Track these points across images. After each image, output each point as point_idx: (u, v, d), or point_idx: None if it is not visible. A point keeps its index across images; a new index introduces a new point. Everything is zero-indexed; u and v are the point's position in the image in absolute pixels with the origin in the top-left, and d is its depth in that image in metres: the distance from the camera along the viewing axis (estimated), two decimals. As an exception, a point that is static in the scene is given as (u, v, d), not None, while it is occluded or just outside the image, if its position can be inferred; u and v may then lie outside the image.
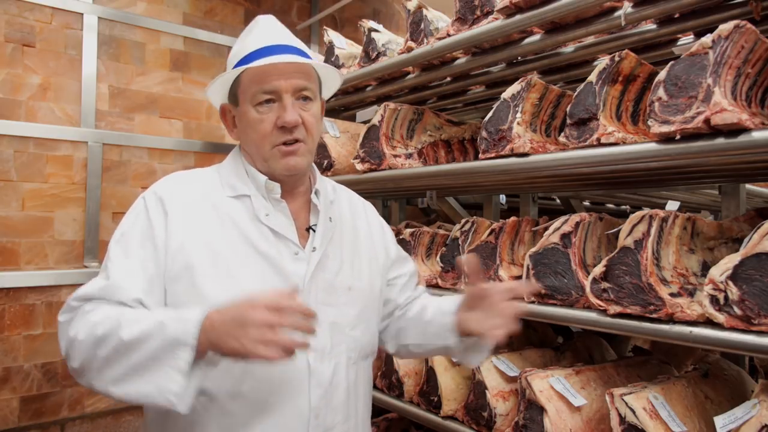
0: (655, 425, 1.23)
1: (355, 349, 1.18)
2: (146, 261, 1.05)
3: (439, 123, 2.17)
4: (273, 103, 1.11)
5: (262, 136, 1.11)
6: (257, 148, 1.14)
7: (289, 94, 1.11)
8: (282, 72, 1.11)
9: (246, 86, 1.12)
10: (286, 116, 1.10)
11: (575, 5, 1.50)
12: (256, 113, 1.11)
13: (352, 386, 1.17)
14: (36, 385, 2.60)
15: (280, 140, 1.11)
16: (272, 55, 1.11)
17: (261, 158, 1.14)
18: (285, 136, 1.11)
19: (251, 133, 1.13)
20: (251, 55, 1.12)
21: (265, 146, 1.12)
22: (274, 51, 1.12)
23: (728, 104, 1.11)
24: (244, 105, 1.13)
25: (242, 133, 1.17)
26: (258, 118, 1.11)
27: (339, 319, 1.16)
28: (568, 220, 1.50)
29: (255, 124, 1.11)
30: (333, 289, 1.16)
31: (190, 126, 3.16)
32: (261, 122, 1.11)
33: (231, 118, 1.19)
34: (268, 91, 1.10)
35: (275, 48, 1.13)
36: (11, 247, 2.59)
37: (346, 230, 1.26)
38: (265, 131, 1.11)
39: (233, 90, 1.16)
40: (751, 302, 1.08)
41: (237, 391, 1.05)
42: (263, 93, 1.10)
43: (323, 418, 1.10)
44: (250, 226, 1.12)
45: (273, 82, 1.10)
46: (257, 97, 1.10)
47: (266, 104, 1.11)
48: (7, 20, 2.60)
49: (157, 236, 1.06)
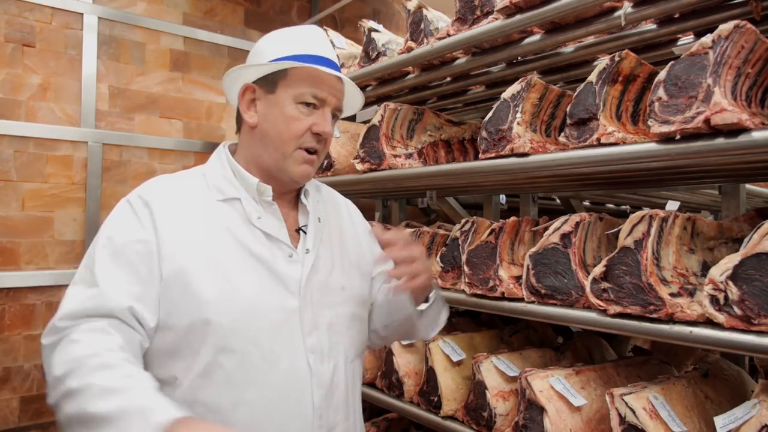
0: (655, 425, 1.23)
1: (351, 348, 1.19)
2: (138, 266, 1.01)
3: (439, 123, 2.17)
4: (315, 109, 1.13)
5: (292, 134, 1.12)
6: (279, 142, 1.13)
7: (330, 108, 1.16)
8: (333, 85, 1.16)
9: (295, 81, 1.12)
10: (325, 126, 1.13)
11: (575, 5, 1.50)
12: (295, 110, 1.12)
13: (350, 384, 1.18)
14: (36, 385, 2.60)
15: (306, 144, 1.13)
16: (328, 67, 1.14)
17: (278, 154, 1.13)
18: (312, 142, 1.14)
19: (281, 126, 1.12)
20: (309, 57, 1.14)
21: (290, 145, 1.13)
22: (329, 64, 1.16)
23: (728, 104, 1.11)
24: (284, 97, 1.12)
25: (267, 122, 1.14)
26: (296, 115, 1.12)
27: (335, 320, 1.16)
28: (568, 220, 1.50)
29: (290, 120, 1.12)
30: (327, 290, 1.16)
31: (190, 126, 3.16)
32: (297, 120, 1.12)
33: (251, 99, 1.16)
34: (318, 98, 1.13)
35: (328, 62, 1.16)
36: (11, 247, 2.59)
37: (334, 230, 1.27)
38: (298, 131, 1.12)
39: (273, 77, 1.14)
40: (751, 302, 1.08)
41: (240, 400, 1.03)
42: (312, 96, 1.12)
43: (326, 418, 1.10)
44: (242, 230, 1.10)
45: (326, 92, 1.14)
46: (304, 96, 1.12)
47: (308, 106, 1.13)
48: (7, 20, 2.60)
49: (148, 240, 1.02)
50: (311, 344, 1.10)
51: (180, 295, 1.02)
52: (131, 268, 1.00)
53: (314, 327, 1.12)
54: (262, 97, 1.15)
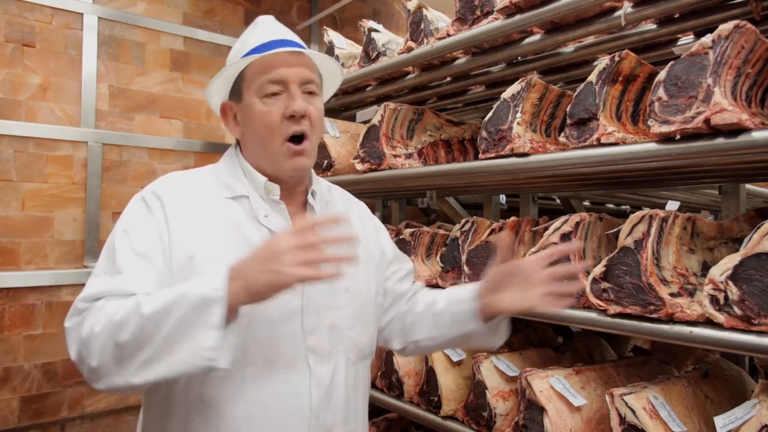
0: (655, 425, 1.23)
1: (353, 350, 1.18)
2: (155, 258, 1.02)
3: (439, 123, 2.17)
4: (280, 95, 1.10)
5: (269, 129, 1.09)
6: (264, 143, 1.11)
7: (296, 85, 1.10)
8: (288, 62, 1.10)
9: (251, 78, 1.11)
10: (294, 105, 1.08)
11: (575, 5, 1.50)
12: (262, 105, 1.09)
13: (352, 387, 1.17)
14: (36, 385, 2.60)
15: (288, 131, 1.09)
16: (275, 48, 1.10)
17: (268, 154, 1.12)
18: (293, 126, 1.09)
19: (258, 126, 1.10)
20: (254, 49, 1.12)
21: (275, 141, 1.10)
22: (278, 45, 1.11)
23: (728, 104, 1.11)
24: (250, 98, 1.11)
25: (247, 129, 1.14)
26: (265, 109, 1.09)
27: (338, 321, 1.15)
28: (568, 220, 1.50)
29: (262, 116, 1.09)
30: (331, 291, 1.16)
31: (190, 126, 3.16)
32: (268, 114, 1.09)
33: (233, 116, 1.17)
34: (276, 81, 1.09)
35: (279, 42, 1.12)
36: (11, 247, 2.59)
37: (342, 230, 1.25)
38: (273, 122, 1.09)
39: (236, 86, 1.14)
40: (751, 302, 1.08)
41: (237, 396, 1.04)
42: (270, 83, 1.09)
43: (323, 419, 1.10)
44: (249, 227, 1.11)
45: (280, 71, 1.09)
46: (264, 87, 1.09)
47: (273, 96, 1.09)
48: (7, 20, 2.60)
49: (162, 234, 1.04)
50: (312, 344, 1.10)
51: None
52: (148, 260, 1.02)
53: (316, 327, 1.11)
54: (237, 108, 1.15)
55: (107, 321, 0.91)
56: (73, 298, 1.02)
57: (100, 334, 0.91)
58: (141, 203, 1.09)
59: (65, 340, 0.99)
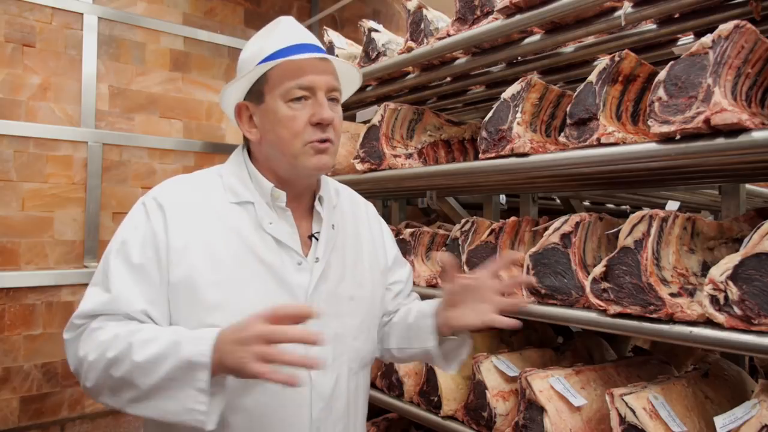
0: (655, 425, 1.23)
1: (356, 360, 1.17)
2: (150, 270, 1.02)
3: (439, 123, 2.17)
4: (306, 100, 1.08)
5: (294, 133, 1.07)
6: (285, 146, 1.08)
7: (323, 92, 1.08)
8: (317, 68, 1.08)
9: (276, 81, 1.08)
10: (323, 113, 1.07)
11: (575, 5, 1.50)
12: (288, 109, 1.07)
13: (353, 396, 1.16)
14: (36, 385, 2.60)
15: (313, 138, 1.07)
16: (304, 53, 1.08)
17: (287, 156, 1.09)
18: (318, 133, 1.07)
19: (280, 130, 1.08)
20: (280, 52, 1.08)
21: (297, 143, 1.07)
22: (305, 49, 1.09)
23: (728, 104, 1.11)
24: (273, 102, 1.08)
25: (266, 132, 1.11)
26: (291, 114, 1.07)
27: (341, 330, 1.14)
28: (568, 220, 1.50)
29: (287, 121, 1.07)
30: (336, 300, 1.14)
31: (190, 126, 3.16)
32: (294, 119, 1.06)
33: (248, 117, 1.13)
34: (304, 87, 1.07)
35: (307, 47, 1.10)
36: (11, 247, 2.59)
37: (349, 237, 1.24)
38: (298, 128, 1.07)
39: (256, 88, 1.11)
40: (751, 302, 1.08)
41: (238, 405, 1.03)
42: (298, 88, 1.06)
43: (324, 430, 1.09)
44: (253, 235, 1.09)
45: (309, 77, 1.07)
46: (291, 92, 1.06)
47: (299, 101, 1.07)
48: (7, 20, 2.60)
49: (159, 244, 1.03)
50: (314, 355, 1.10)
51: (187, 299, 1.03)
52: (143, 273, 1.02)
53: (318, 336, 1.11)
54: (256, 110, 1.12)
55: (100, 353, 0.95)
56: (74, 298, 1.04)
57: (94, 363, 0.96)
58: (141, 210, 1.08)
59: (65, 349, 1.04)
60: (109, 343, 0.95)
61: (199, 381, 0.89)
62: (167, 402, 0.91)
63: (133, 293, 1.01)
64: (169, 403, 0.91)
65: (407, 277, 1.39)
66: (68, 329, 1.03)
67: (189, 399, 0.90)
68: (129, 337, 0.94)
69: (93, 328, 0.99)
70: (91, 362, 0.96)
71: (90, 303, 1.02)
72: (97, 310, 1.01)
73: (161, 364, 0.91)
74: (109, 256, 1.05)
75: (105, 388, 0.96)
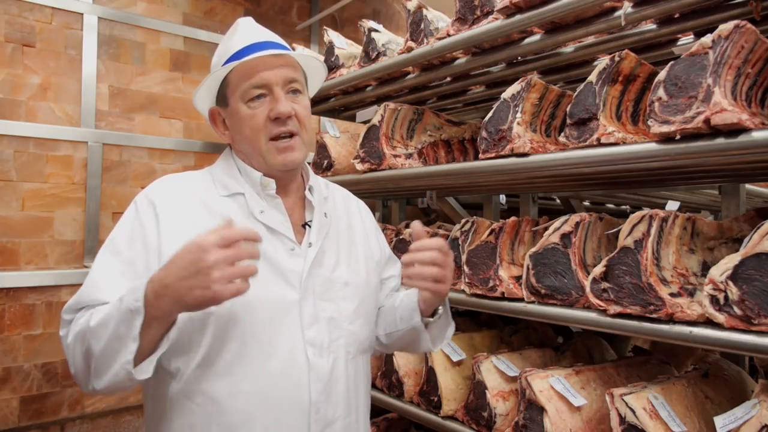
0: (655, 425, 1.23)
1: (353, 344, 1.18)
2: (134, 262, 1.05)
3: (439, 123, 2.17)
4: (264, 98, 1.12)
5: (255, 131, 1.11)
6: (252, 145, 1.13)
7: (279, 87, 1.12)
8: (269, 65, 1.12)
9: (235, 84, 1.12)
10: (279, 107, 1.10)
11: (575, 5, 1.50)
12: (247, 109, 1.11)
13: (352, 381, 1.18)
14: (36, 385, 2.60)
15: (274, 132, 1.12)
16: (254, 53, 1.11)
17: (257, 154, 1.14)
18: (279, 127, 1.12)
19: (244, 130, 1.13)
20: (235, 54, 1.13)
21: (260, 141, 1.12)
22: (258, 48, 1.13)
23: (728, 104, 1.11)
24: (235, 103, 1.13)
25: (235, 133, 1.17)
26: (250, 113, 1.11)
27: (336, 314, 1.16)
28: (568, 220, 1.50)
29: (247, 120, 1.11)
30: (330, 285, 1.17)
31: (190, 126, 3.16)
32: (253, 117, 1.11)
33: (221, 121, 1.19)
34: (258, 85, 1.11)
35: (259, 45, 1.14)
36: (11, 247, 2.59)
37: (342, 226, 1.27)
38: (258, 125, 1.11)
39: (221, 92, 1.16)
40: (751, 302, 1.08)
41: (236, 390, 1.05)
42: (253, 87, 1.11)
43: (324, 412, 1.10)
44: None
45: (262, 75, 1.10)
46: (248, 92, 1.11)
47: (257, 99, 1.11)
48: (7, 20, 2.60)
49: (148, 237, 1.06)
50: (310, 337, 1.11)
51: None
52: (129, 266, 1.05)
53: (314, 320, 1.12)
54: (225, 114, 1.18)
55: (75, 333, 0.99)
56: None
57: (70, 344, 1.00)
58: (132, 208, 1.12)
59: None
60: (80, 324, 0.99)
61: (134, 328, 0.90)
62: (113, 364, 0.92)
63: (113, 284, 1.03)
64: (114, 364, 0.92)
65: (399, 273, 1.40)
66: (61, 326, 1.07)
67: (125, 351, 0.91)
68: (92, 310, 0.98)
69: (76, 318, 1.02)
70: (68, 344, 1.00)
71: (75, 297, 1.05)
72: (79, 302, 1.04)
73: (109, 323, 0.92)
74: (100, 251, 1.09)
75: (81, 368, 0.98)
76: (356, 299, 1.21)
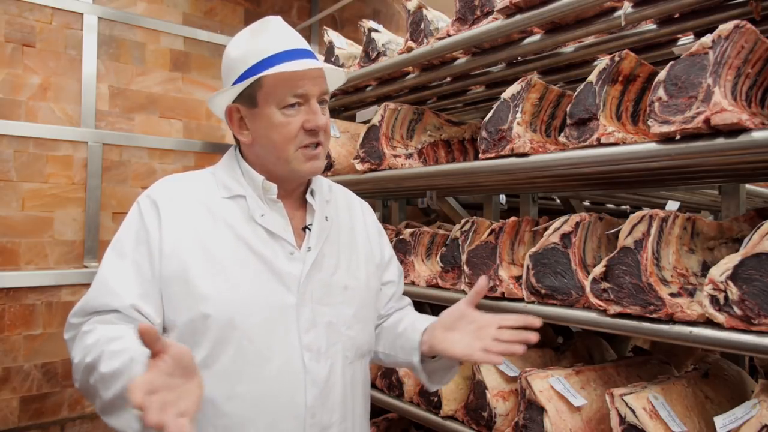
0: (655, 425, 1.23)
1: (351, 349, 1.18)
2: (141, 265, 1.05)
3: (439, 123, 2.17)
4: (300, 107, 1.11)
5: (287, 139, 1.11)
6: (279, 151, 1.12)
7: (315, 99, 1.12)
8: (311, 77, 1.11)
9: (271, 89, 1.10)
10: (317, 120, 1.11)
11: (575, 5, 1.50)
12: (282, 116, 1.10)
13: (349, 386, 1.17)
14: (36, 385, 2.60)
15: (305, 142, 1.12)
16: (296, 60, 1.10)
17: (281, 160, 1.12)
18: (310, 138, 1.12)
19: (274, 135, 1.11)
20: (274, 58, 1.10)
21: (290, 148, 1.11)
22: (297, 55, 1.11)
23: (728, 104, 1.11)
24: (267, 107, 1.10)
25: (260, 135, 1.13)
26: (285, 120, 1.10)
27: (335, 319, 1.16)
28: (568, 220, 1.50)
29: (281, 127, 1.10)
30: (329, 289, 1.16)
31: (190, 126, 3.16)
32: (288, 125, 1.10)
33: (239, 119, 1.15)
34: (299, 95, 1.10)
35: (298, 52, 1.12)
36: (11, 247, 2.59)
37: (343, 229, 1.26)
38: (291, 134, 1.10)
39: (248, 92, 1.12)
40: (751, 302, 1.08)
41: (232, 393, 1.05)
42: (293, 97, 1.10)
43: (319, 417, 1.10)
44: (244, 227, 1.12)
45: (305, 87, 1.10)
46: (286, 101, 1.10)
47: (292, 108, 1.10)
48: (7, 20, 2.60)
49: (151, 240, 1.07)
50: (307, 342, 1.10)
51: (180, 291, 1.05)
52: (135, 268, 1.05)
53: (312, 325, 1.12)
54: (247, 113, 1.14)
55: (82, 358, 0.98)
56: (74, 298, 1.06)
57: (78, 366, 0.99)
58: (136, 209, 1.12)
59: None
60: (90, 348, 0.96)
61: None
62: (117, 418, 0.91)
63: (123, 289, 1.03)
64: (119, 419, 0.91)
65: (398, 277, 1.41)
66: (66, 329, 1.07)
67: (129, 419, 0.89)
68: (105, 345, 0.94)
69: (84, 331, 1.01)
70: (76, 365, 0.99)
71: (83, 300, 1.05)
72: (88, 306, 1.04)
73: (116, 380, 0.90)
74: (105, 254, 1.10)
75: (85, 392, 0.99)
76: (355, 304, 1.20)
